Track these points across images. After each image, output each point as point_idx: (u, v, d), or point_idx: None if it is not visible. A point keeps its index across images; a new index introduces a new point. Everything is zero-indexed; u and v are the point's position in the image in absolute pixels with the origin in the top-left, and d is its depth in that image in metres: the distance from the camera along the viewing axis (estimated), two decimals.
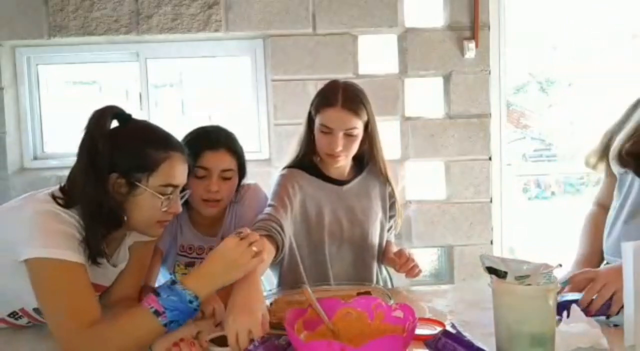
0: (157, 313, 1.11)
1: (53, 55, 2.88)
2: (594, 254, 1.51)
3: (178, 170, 1.25)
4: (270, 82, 2.79)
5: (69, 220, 1.17)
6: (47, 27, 2.71)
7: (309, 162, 1.73)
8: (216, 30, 2.74)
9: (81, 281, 1.15)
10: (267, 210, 1.58)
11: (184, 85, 3.17)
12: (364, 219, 1.73)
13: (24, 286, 1.15)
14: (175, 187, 1.24)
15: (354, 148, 1.66)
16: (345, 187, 1.74)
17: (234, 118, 3.06)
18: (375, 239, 1.76)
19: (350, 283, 1.62)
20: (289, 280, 1.68)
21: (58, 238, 1.13)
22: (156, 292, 1.14)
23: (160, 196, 1.21)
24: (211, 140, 1.57)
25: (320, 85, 1.74)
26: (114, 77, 3.09)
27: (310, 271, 1.69)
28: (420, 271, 1.62)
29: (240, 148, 1.64)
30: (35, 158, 2.91)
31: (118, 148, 1.20)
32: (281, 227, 1.53)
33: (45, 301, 1.14)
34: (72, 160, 1.27)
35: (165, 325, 1.11)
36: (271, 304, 1.40)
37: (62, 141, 2.98)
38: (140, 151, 1.21)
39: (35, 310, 1.26)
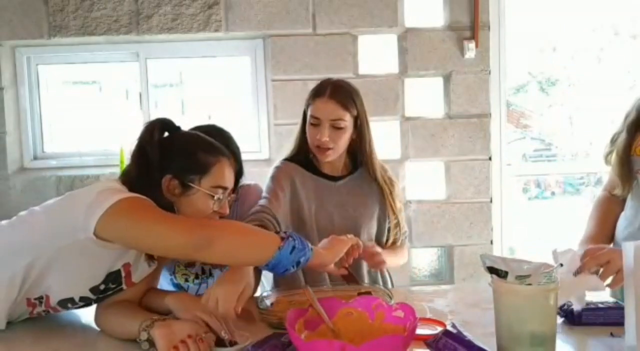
0: (282, 238, 1.20)
1: (53, 55, 2.88)
2: (601, 235, 1.53)
3: (227, 173, 1.33)
4: (270, 82, 2.79)
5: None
6: (47, 27, 2.71)
7: (304, 157, 1.74)
8: (216, 30, 2.74)
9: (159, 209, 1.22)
10: (261, 202, 1.62)
11: (184, 85, 3.17)
12: (356, 216, 1.72)
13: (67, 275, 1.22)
14: (225, 188, 1.31)
15: (342, 142, 1.67)
16: (339, 183, 1.74)
17: (234, 118, 3.06)
18: (370, 237, 1.74)
19: (351, 283, 1.62)
20: (283, 278, 1.68)
21: (128, 192, 1.22)
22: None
23: (213, 196, 1.28)
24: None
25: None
26: (114, 77, 3.09)
27: (303, 272, 1.69)
28: (382, 261, 1.61)
29: (237, 148, 1.63)
30: (35, 158, 2.91)
31: (171, 152, 1.28)
32: (275, 218, 1.57)
33: (140, 229, 1.18)
34: (72, 160, 1.31)
35: (281, 246, 1.18)
36: (271, 304, 1.40)
37: (62, 141, 2.98)
38: (193, 155, 1.29)
39: (63, 301, 1.29)
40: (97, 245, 1.18)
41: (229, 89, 3.11)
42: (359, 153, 1.76)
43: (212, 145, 1.34)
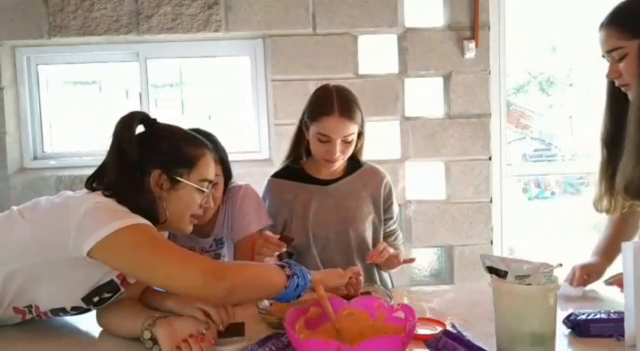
0: (282, 266, 1.20)
1: (53, 55, 2.88)
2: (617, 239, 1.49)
3: (212, 166, 1.33)
4: (270, 82, 2.79)
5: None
6: (47, 27, 2.70)
7: (295, 166, 1.76)
8: (216, 30, 2.74)
9: (163, 236, 1.19)
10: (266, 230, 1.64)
11: (184, 85, 3.17)
12: (350, 217, 1.72)
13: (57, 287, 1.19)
14: (210, 182, 1.32)
15: (350, 151, 1.68)
16: (331, 186, 1.74)
17: (234, 118, 3.06)
18: (365, 239, 1.75)
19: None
20: None
21: (124, 213, 1.16)
22: (281, 265, 1.22)
23: (201, 190, 1.28)
24: None
25: (320, 85, 1.73)
26: (114, 77, 3.09)
27: None
28: (398, 262, 1.65)
29: (223, 150, 1.63)
30: (35, 158, 2.91)
31: (155, 147, 1.26)
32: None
33: (145, 267, 1.13)
34: (72, 160, 1.29)
35: (288, 278, 1.17)
36: (270, 304, 1.40)
37: (62, 141, 2.98)
38: (180, 148, 1.28)
39: (55, 310, 1.26)
40: (89, 261, 1.14)
41: (229, 89, 3.11)
42: (358, 153, 1.76)
43: (196, 138, 1.34)
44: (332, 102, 1.60)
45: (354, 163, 1.77)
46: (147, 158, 1.24)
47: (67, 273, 1.19)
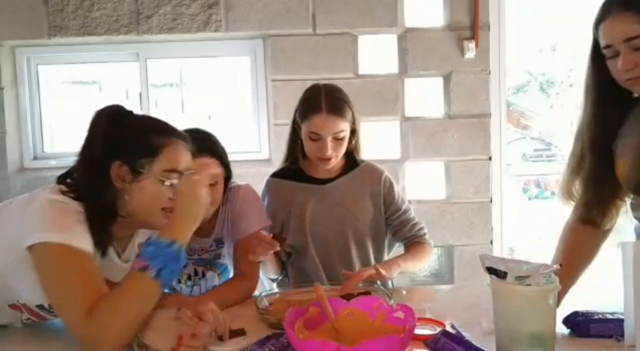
0: (143, 269, 1.12)
1: (53, 55, 2.88)
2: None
3: (181, 156, 1.25)
4: (270, 82, 2.79)
5: (79, 210, 1.18)
6: (47, 27, 2.71)
7: (294, 166, 1.76)
8: (216, 30, 2.74)
9: (88, 268, 1.15)
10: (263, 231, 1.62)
11: (184, 85, 3.17)
12: (348, 216, 1.72)
13: (28, 283, 1.17)
14: (180, 173, 1.24)
15: (343, 149, 1.68)
16: (329, 185, 1.73)
17: (234, 118, 3.06)
18: (364, 238, 1.74)
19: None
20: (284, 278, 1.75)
21: (67, 225, 1.14)
22: (137, 256, 1.17)
23: (165, 181, 1.21)
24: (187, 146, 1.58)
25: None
26: (114, 77, 3.09)
27: (299, 277, 1.72)
28: (382, 277, 1.53)
29: (222, 150, 1.62)
30: (35, 158, 2.91)
31: (119, 137, 1.22)
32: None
33: (51, 286, 1.14)
34: (72, 160, 1.28)
35: (156, 277, 1.12)
36: (270, 304, 1.40)
37: (62, 141, 2.98)
38: (142, 138, 1.22)
39: (39, 306, 1.26)
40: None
41: (229, 89, 3.10)
42: (354, 151, 1.76)
43: (165, 126, 1.28)
44: (320, 101, 1.62)
45: (352, 162, 1.77)
46: (110, 151, 1.20)
47: (30, 271, 1.18)
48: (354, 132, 1.70)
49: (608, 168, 1.30)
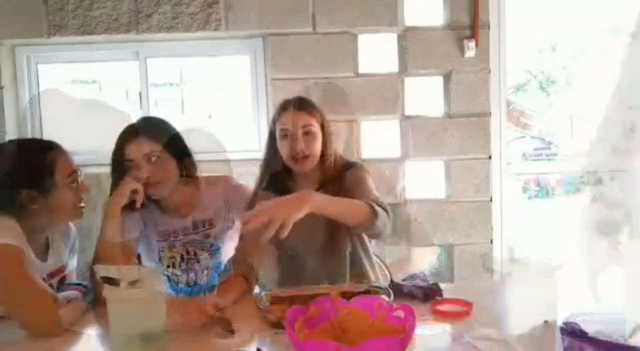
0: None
1: (53, 54, 2.88)
2: None
3: (67, 159, 1.49)
4: (270, 81, 2.79)
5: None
6: (46, 26, 2.70)
7: (277, 179, 1.78)
8: (216, 29, 2.73)
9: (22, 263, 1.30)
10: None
11: (184, 84, 3.17)
12: (326, 226, 1.69)
13: None
14: (74, 171, 1.47)
15: (316, 148, 1.70)
16: None
17: (234, 118, 3.06)
18: (343, 245, 1.74)
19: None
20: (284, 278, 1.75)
21: None
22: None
23: (72, 185, 1.43)
24: (127, 132, 1.67)
25: (320, 84, 1.76)
26: (114, 76, 3.08)
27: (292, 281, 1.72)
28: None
29: (163, 129, 1.68)
30: None
31: (10, 168, 1.36)
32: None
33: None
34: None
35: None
36: (270, 304, 1.40)
37: (61, 141, 2.97)
38: (32, 162, 1.39)
39: None
40: None
41: (228, 88, 3.10)
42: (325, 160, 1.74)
43: (40, 145, 1.47)
44: (289, 102, 1.74)
45: (330, 176, 1.74)
46: (7, 179, 1.35)
47: None
48: (325, 134, 1.72)
49: None
